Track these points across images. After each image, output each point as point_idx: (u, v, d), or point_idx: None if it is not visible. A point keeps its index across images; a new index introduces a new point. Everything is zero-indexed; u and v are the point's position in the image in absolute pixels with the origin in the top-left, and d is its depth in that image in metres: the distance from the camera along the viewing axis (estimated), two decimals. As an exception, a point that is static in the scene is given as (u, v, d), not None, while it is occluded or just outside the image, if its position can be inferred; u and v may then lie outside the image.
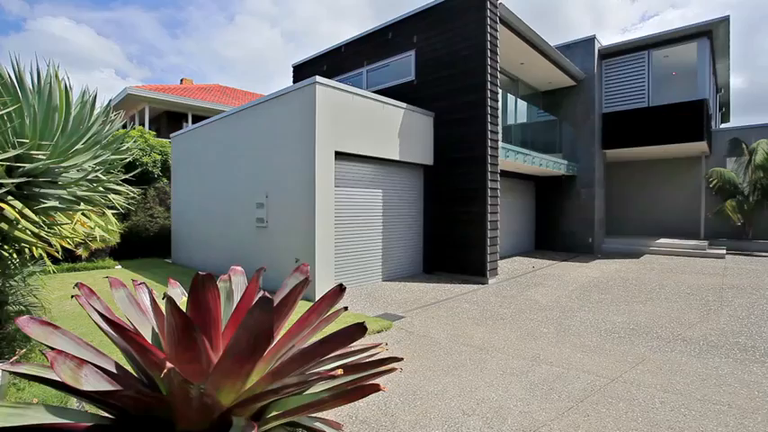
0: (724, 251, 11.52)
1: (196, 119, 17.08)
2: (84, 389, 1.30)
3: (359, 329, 1.83)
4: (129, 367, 1.87)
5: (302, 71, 12.37)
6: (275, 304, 1.87)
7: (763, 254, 11.89)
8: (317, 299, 6.88)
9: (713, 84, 14.23)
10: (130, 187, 3.95)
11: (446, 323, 5.21)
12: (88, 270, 9.25)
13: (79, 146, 3.19)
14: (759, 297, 6.54)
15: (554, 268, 9.75)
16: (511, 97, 10.92)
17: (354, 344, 2.12)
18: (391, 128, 7.93)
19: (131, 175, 5.13)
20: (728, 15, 10.98)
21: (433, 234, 8.83)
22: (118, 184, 3.85)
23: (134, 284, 2.15)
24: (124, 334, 1.56)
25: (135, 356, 1.69)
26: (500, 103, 8.43)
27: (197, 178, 10.08)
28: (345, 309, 2.40)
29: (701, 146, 12.13)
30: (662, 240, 12.79)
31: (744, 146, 13.20)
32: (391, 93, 9.22)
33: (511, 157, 9.14)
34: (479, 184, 7.98)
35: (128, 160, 3.75)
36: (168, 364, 1.24)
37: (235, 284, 2.38)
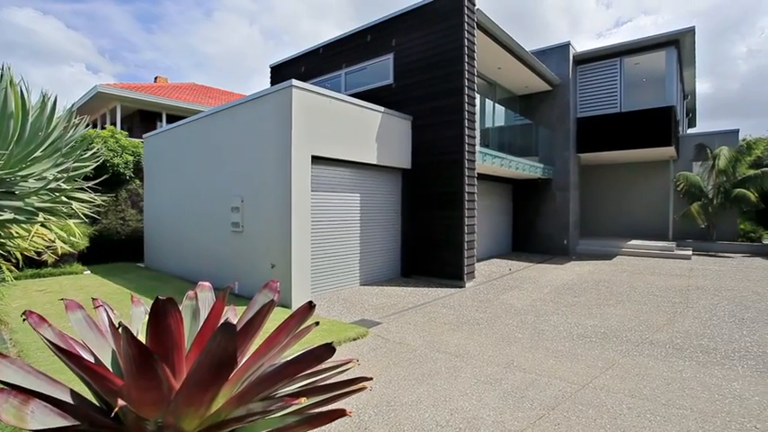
0: (690, 252, 11.98)
1: (171, 118, 16.63)
2: (30, 428, 1.23)
3: (327, 350, 1.81)
4: (88, 393, 1.79)
5: (280, 72, 12.21)
6: (242, 326, 1.83)
7: (726, 254, 12.42)
8: (293, 305, 6.75)
9: (680, 90, 14.79)
10: (95, 195, 3.81)
11: (422, 329, 5.23)
12: (54, 276, 8.88)
13: (38, 153, 3.05)
14: (721, 299, 6.83)
15: (530, 270, 9.93)
16: (489, 101, 11.07)
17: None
18: (369, 132, 7.90)
19: (98, 181, 4.95)
20: (694, 26, 11.41)
21: (411, 238, 8.85)
22: (84, 191, 3.70)
23: (94, 305, 2.06)
24: (78, 363, 1.49)
25: (92, 384, 1.62)
26: (478, 107, 8.53)
27: (171, 181, 9.82)
28: (317, 324, 2.37)
29: (670, 151, 12.58)
30: (633, 242, 13.19)
31: (708, 151, 13.77)
32: (370, 95, 9.20)
33: (488, 161, 9.26)
34: (457, 188, 8.04)
35: (92, 167, 3.60)
36: (120, 402, 1.19)
37: (202, 301, 2.31)
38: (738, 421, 2.97)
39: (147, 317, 2.12)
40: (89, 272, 9.44)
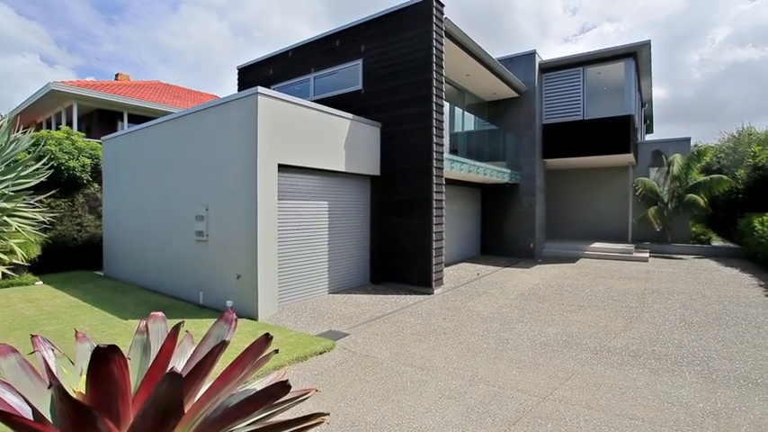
0: (647, 254, 12.58)
1: (133, 119, 15.95)
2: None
3: (281, 388, 1.77)
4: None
5: (248, 74, 11.94)
6: (191, 370, 1.77)
7: (679, 256, 13.13)
8: (259, 316, 6.58)
9: (638, 99, 15.49)
10: (43, 211, 3.60)
11: (390, 340, 5.24)
12: (2, 288, 8.34)
13: (-25, 172, 2.85)
14: (673, 302, 7.20)
15: (497, 275, 10.14)
16: (458, 107, 11.23)
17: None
18: (337, 139, 7.85)
19: (53, 192, 4.70)
20: (649, 40, 12.02)
21: (380, 244, 8.87)
22: (31, 206, 3.50)
23: (33, 345, 1.94)
24: (7, 419, 1.40)
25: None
26: (447, 113, 8.63)
27: (132, 186, 9.41)
28: (276, 351, 2.33)
29: (629, 157, 13.16)
30: (595, 244, 13.72)
31: (664, 157, 14.50)
32: (339, 101, 9.15)
33: (456, 168, 9.39)
34: (425, 195, 8.11)
35: (36, 183, 3.40)
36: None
37: (154, 333, 2.22)
38: (684, 430, 3.14)
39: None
40: (41, 282, 8.92)
